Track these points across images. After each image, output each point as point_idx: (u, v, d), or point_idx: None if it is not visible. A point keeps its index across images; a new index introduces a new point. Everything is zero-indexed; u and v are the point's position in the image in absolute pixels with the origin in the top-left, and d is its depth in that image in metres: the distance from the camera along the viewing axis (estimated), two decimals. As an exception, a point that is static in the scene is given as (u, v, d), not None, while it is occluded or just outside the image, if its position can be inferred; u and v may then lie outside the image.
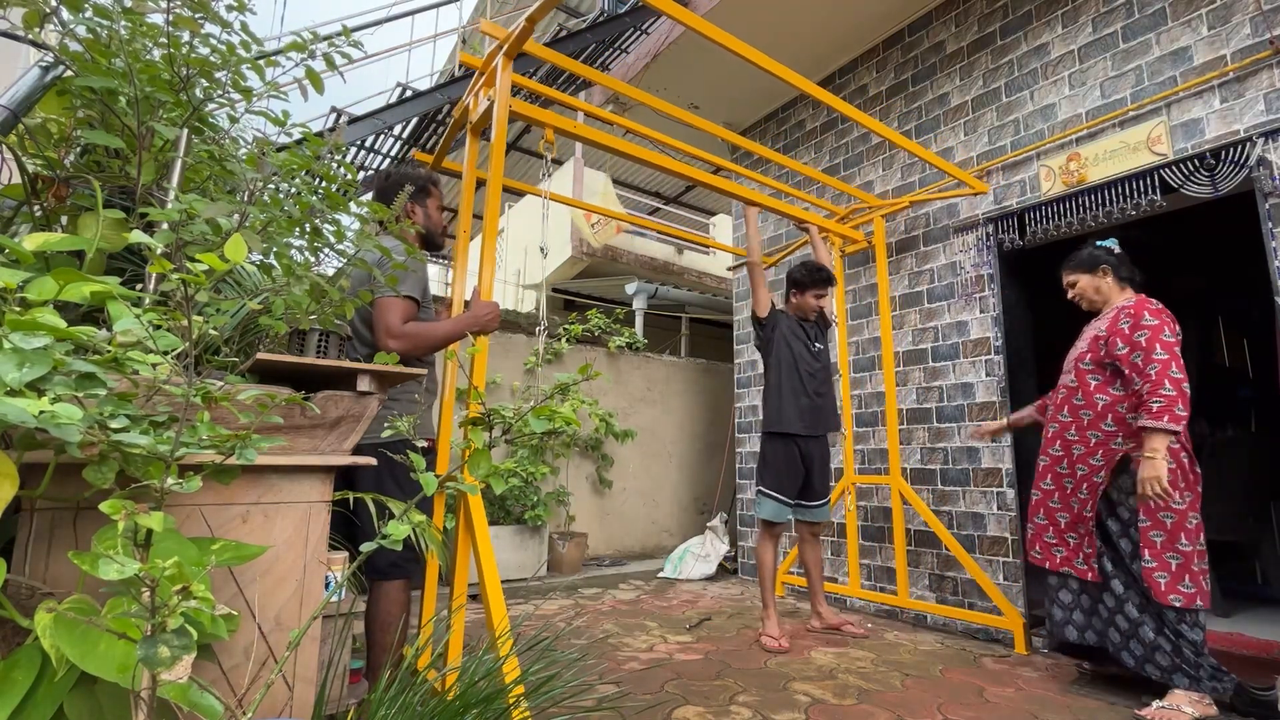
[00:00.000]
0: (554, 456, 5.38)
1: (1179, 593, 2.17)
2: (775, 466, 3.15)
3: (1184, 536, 2.19)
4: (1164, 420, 2.14)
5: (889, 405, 3.65)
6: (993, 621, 3.11)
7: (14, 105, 1.23)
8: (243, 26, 1.40)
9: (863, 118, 2.95)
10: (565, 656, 1.53)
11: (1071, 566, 2.45)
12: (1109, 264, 2.52)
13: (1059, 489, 2.52)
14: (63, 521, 1.05)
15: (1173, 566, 2.19)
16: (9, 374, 0.74)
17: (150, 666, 0.74)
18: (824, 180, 3.69)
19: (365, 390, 1.39)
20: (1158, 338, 2.25)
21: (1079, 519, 2.44)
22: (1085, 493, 2.41)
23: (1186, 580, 2.17)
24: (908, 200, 3.75)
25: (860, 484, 3.94)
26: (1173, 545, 2.20)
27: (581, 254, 7.83)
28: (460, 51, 4.05)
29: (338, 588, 1.59)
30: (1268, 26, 2.62)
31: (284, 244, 1.38)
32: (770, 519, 3.13)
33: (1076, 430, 2.46)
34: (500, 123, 2.29)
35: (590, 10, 6.94)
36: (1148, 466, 2.16)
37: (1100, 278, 2.53)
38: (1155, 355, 2.22)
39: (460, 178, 2.75)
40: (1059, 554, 2.50)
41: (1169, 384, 2.16)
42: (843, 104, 2.86)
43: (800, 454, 3.16)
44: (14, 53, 1.91)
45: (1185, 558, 2.18)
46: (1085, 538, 2.41)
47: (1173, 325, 2.29)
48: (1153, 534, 2.23)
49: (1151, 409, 2.17)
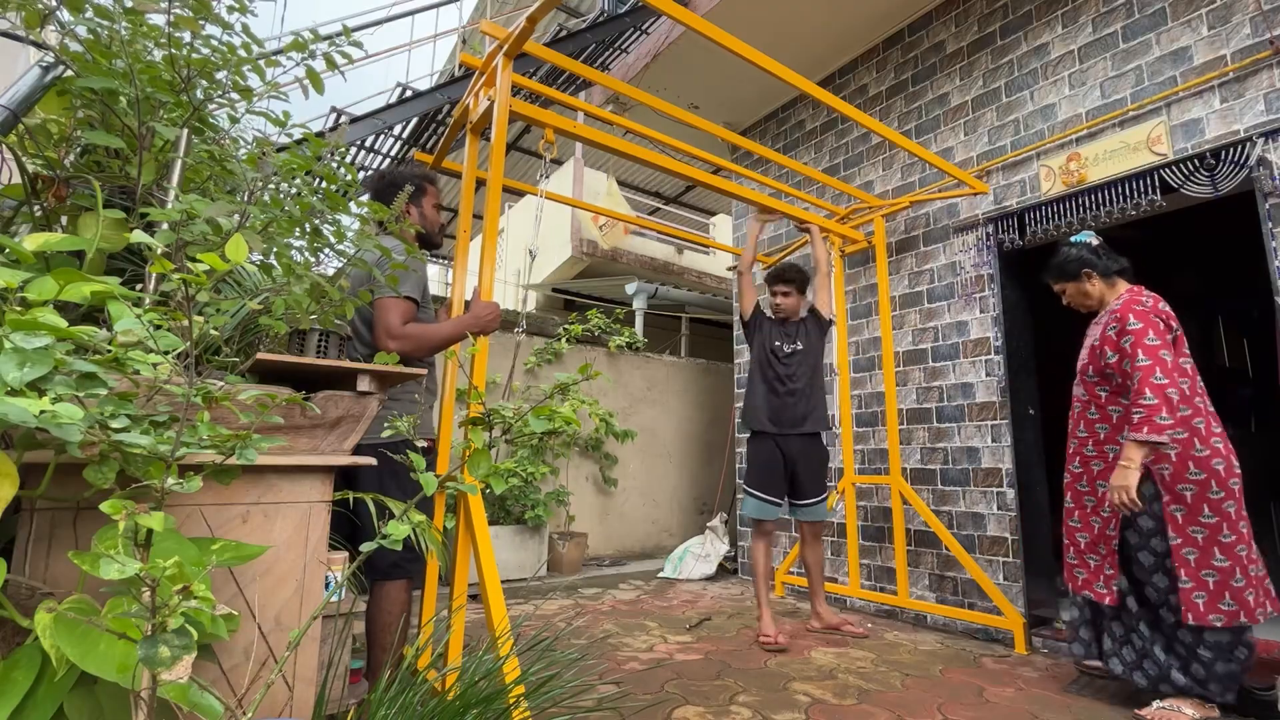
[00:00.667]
0: (554, 456, 5.38)
1: (1219, 611, 2.04)
2: (755, 464, 3.24)
3: (1219, 551, 2.07)
4: (1143, 431, 2.05)
5: (889, 405, 3.64)
6: (993, 621, 3.11)
7: (14, 105, 1.23)
8: (244, 27, 1.40)
9: (861, 116, 2.94)
10: (565, 657, 1.53)
11: (1092, 590, 2.34)
12: (1090, 264, 2.42)
13: (1079, 507, 2.42)
14: (63, 522, 1.05)
15: (1210, 584, 2.06)
16: (10, 373, 0.74)
17: (151, 666, 0.74)
18: (824, 180, 3.68)
19: (365, 390, 1.39)
20: (1140, 342, 2.16)
21: (1100, 538, 2.33)
22: (1107, 510, 2.30)
23: (1227, 598, 2.04)
24: (908, 200, 3.75)
25: (860, 484, 3.94)
26: (1208, 562, 2.08)
27: (581, 254, 7.83)
28: (460, 52, 4.04)
29: (338, 587, 1.59)
30: (1268, 26, 2.62)
31: (284, 244, 1.38)
32: (755, 516, 3.18)
33: (1094, 445, 2.37)
34: (500, 123, 2.28)
35: (590, 10, 6.94)
36: (1118, 474, 2.09)
37: (1085, 282, 2.44)
38: (1138, 362, 2.13)
39: (460, 178, 2.75)
40: (1080, 576, 2.39)
41: (1150, 392, 2.07)
42: (842, 103, 2.86)
43: (779, 451, 3.21)
44: (14, 53, 1.91)
45: (1223, 574, 2.05)
46: (1106, 558, 2.31)
47: (1159, 325, 2.19)
48: (1185, 552, 2.11)
49: (1133, 419, 2.10)
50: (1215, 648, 2.07)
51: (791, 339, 3.33)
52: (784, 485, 3.22)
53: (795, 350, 3.30)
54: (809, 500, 3.24)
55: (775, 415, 3.23)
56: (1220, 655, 2.06)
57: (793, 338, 3.33)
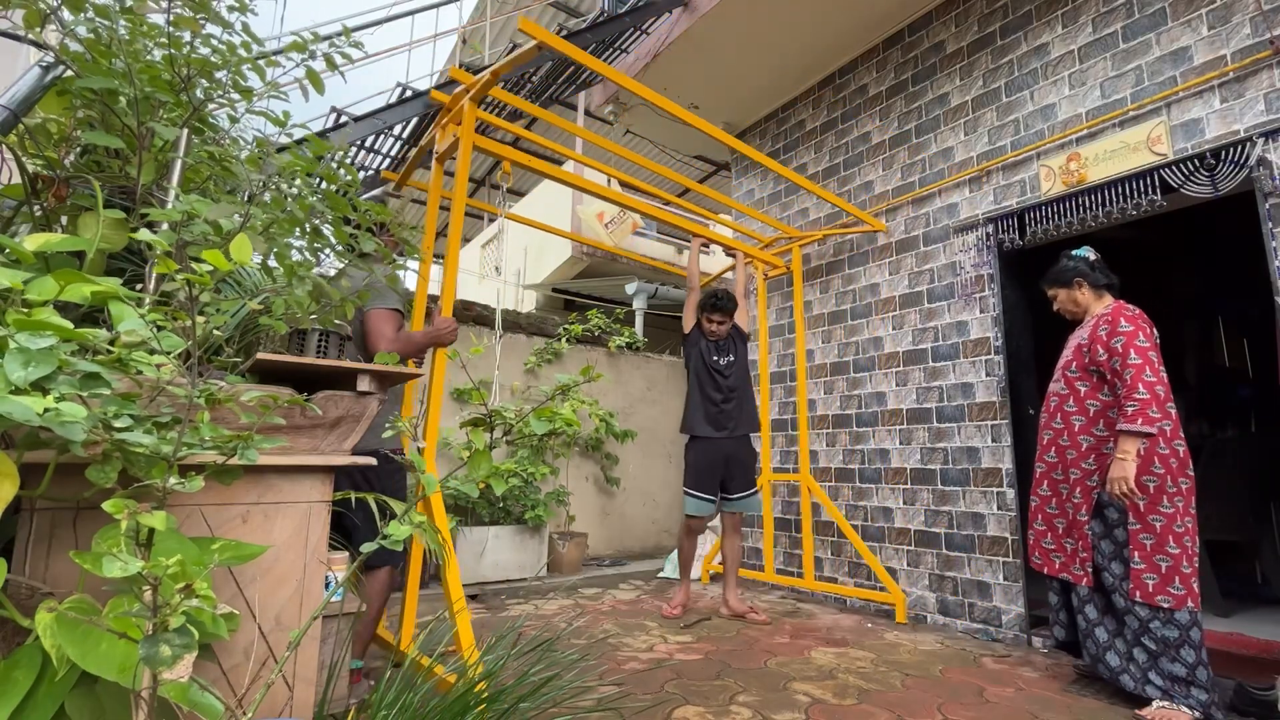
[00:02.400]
0: (554, 457, 5.37)
1: (1168, 594, 2.18)
2: (695, 467, 3.57)
3: (1172, 539, 2.21)
4: (1137, 423, 2.19)
5: (800, 412, 4.21)
6: (880, 598, 3.48)
7: (14, 105, 1.23)
8: (244, 27, 1.40)
9: (774, 165, 3.48)
10: (566, 657, 1.53)
11: (1069, 572, 2.47)
12: (1083, 275, 2.59)
13: (1055, 494, 2.56)
14: (63, 521, 1.05)
15: (1162, 569, 2.21)
16: (15, 373, 0.74)
17: (152, 666, 0.74)
18: (752, 214, 4.36)
19: (365, 390, 1.39)
20: (1132, 343, 2.30)
21: (1074, 524, 2.46)
22: (1079, 496, 2.44)
23: (1176, 582, 2.18)
24: (820, 234, 4.30)
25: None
26: (1162, 548, 2.22)
27: (581, 254, 7.83)
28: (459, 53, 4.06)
29: (337, 587, 1.58)
30: (1268, 26, 2.62)
31: (285, 245, 1.38)
32: (694, 514, 3.54)
33: (1069, 436, 2.49)
34: (464, 157, 2.59)
35: (590, 10, 6.94)
36: (1116, 467, 2.22)
37: (1076, 290, 2.61)
38: (1130, 360, 2.28)
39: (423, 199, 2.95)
40: (1057, 560, 2.53)
41: (1143, 388, 2.22)
42: (759, 154, 3.16)
43: (717, 454, 3.55)
44: (14, 53, 1.91)
45: (1174, 560, 2.20)
46: (1080, 542, 2.44)
47: (1148, 330, 2.35)
48: (1142, 537, 2.25)
49: (1126, 412, 2.23)
50: (1162, 642, 2.18)
51: (725, 352, 3.71)
52: (718, 485, 3.59)
53: (730, 361, 3.68)
54: (738, 495, 3.59)
55: (714, 420, 3.58)
56: (1166, 650, 2.17)
57: (725, 351, 3.71)
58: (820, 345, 4.37)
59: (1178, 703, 2.11)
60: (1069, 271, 2.63)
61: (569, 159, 3.50)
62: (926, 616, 3.50)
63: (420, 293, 2.79)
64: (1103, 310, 2.52)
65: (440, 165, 2.87)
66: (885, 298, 4.00)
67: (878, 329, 4.01)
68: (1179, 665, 2.14)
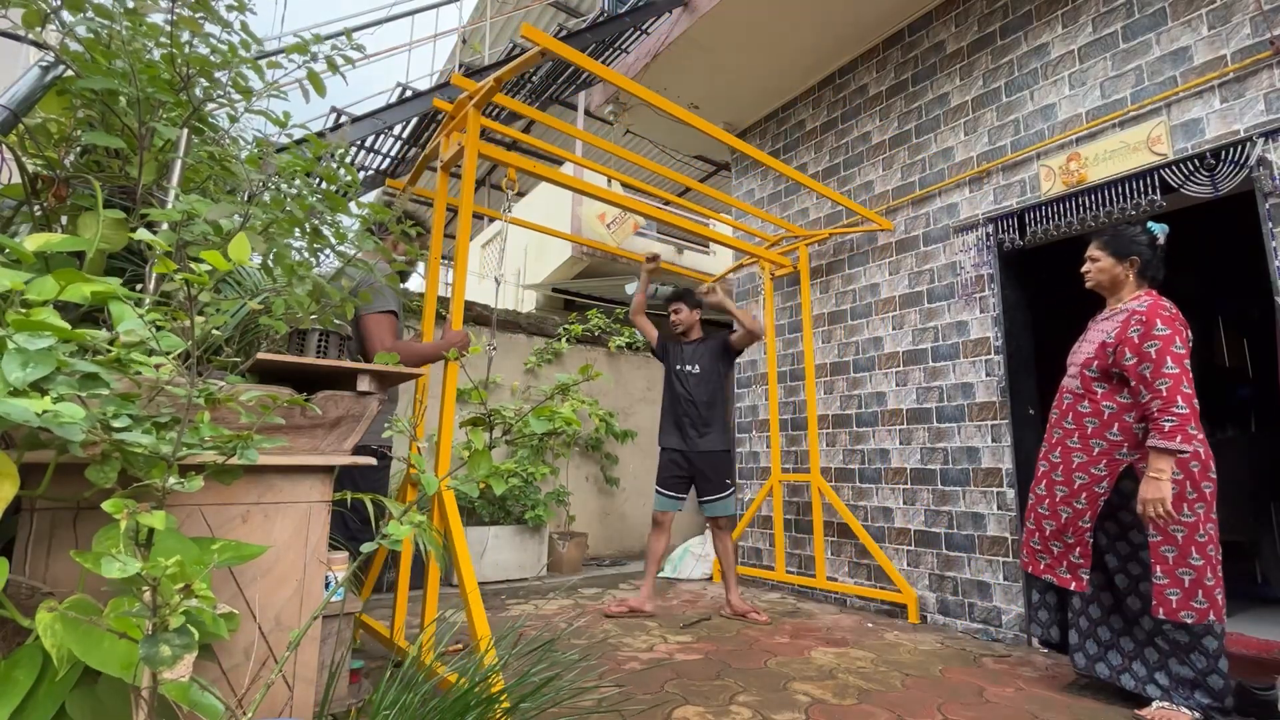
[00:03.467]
0: (554, 456, 5.37)
1: (1191, 609, 2.08)
2: (663, 471, 3.71)
3: (1195, 550, 2.10)
4: (1175, 440, 2.04)
5: (810, 411, 4.20)
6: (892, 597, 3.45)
7: (14, 105, 1.23)
8: (243, 26, 1.40)
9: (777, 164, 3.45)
10: (566, 657, 1.53)
11: (1054, 575, 2.39)
12: (1141, 256, 2.34)
13: (1050, 496, 2.44)
14: (63, 521, 1.05)
15: (1185, 583, 2.09)
16: (13, 374, 0.74)
17: (152, 665, 0.74)
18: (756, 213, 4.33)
19: (365, 390, 1.39)
20: (1169, 349, 2.12)
21: (1068, 527, 2.35)
22: (1084, 502, 2.32)
23: (1200, 596, 2.08)
24: (827, 233, 4.26)
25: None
26: (1185, 560, 2.10)
27: (581, 254, 7.82)
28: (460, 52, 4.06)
29: (337, 587, 1.59)
30: (1268, 26, 2.62)
31: (284, 245, 1.38)
32: (659, 509, 3.68)
33: (1079, 438, 2.36)
34: (469, 164, 2.58)
35: (590, 10, 6.94)
36: (1151, 487, 2.07)
37: (1125, 266, 2.36)
38: (1166, 369, 2.10)
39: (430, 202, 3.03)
40: (1043, 561, 2.45)
41: (1181, 401, 2.05)
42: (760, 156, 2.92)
43: (685, 461, 3.64)
44: (14, 53, 1.92)
45: (1198, 572, 2.09)
46: (1076, 547, 2.34)
47: (1184, 334, 2.17)
48: (1164, 549, 2.13)
49: (1164, 428, 2.06)
50: (1175, 645, 2.13)
51: (692, 361, 3.72)
52: (687, 487, 3.69)
53: (694, 372, 3.69)
54: (711, 498, 3.65)
55: (681, 431, 3.67)
56: (1177, 653, 2.13)
57: (692, 360, 3.72)
58: (820, 345, 4.38)
59: (1178, 703, 2.10)
60: (1133, 245, 2.34)
61: (568, 161, 3.48)
62: (927, 616, 3.50)
63: (429, 298, 2.73)
64: (1136, 305, 2.29)
65: (446, 174, 2.87)
66: (885, 298, 4.00)
67: (878, 329, 4.01)
68: (1187, 668, 2.11)
